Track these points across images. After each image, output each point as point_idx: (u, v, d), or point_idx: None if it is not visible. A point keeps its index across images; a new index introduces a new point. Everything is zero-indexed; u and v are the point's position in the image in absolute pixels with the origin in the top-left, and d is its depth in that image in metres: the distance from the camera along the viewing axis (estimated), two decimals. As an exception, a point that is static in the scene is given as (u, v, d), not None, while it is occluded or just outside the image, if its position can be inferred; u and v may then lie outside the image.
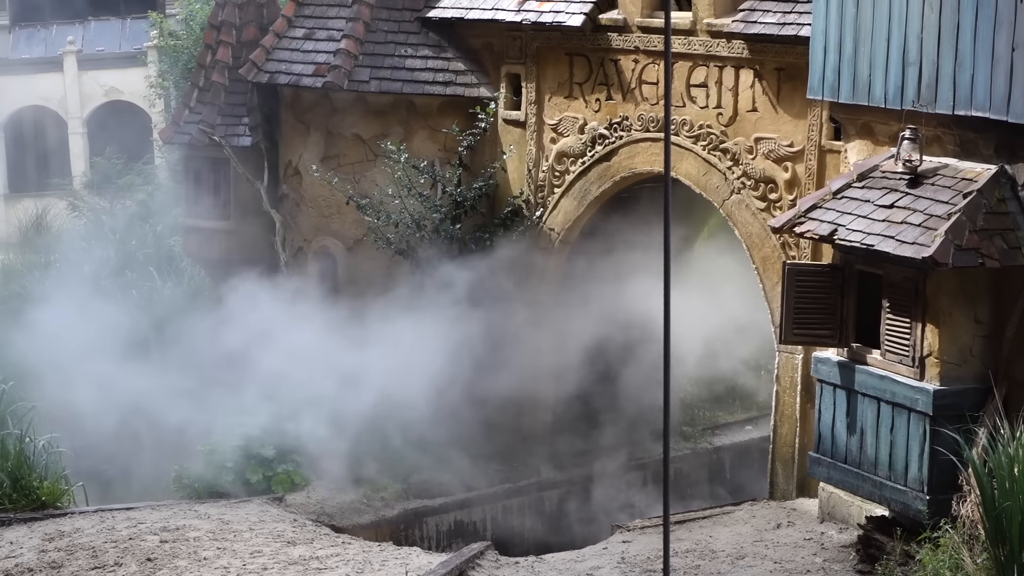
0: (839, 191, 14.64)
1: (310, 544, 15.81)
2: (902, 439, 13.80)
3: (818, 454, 14.93)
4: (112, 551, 15.13)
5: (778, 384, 17.46)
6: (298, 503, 18.37)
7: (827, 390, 14.73)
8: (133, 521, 16.40)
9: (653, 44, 18.56)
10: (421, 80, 20.54)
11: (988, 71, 13.46)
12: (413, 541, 18.78)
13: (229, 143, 21.93)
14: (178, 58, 32.19)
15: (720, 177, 17.93)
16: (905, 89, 14.38)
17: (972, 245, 13.20)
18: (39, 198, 38.05)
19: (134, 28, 41.03)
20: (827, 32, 15.24)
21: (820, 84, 15.47)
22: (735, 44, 17.59)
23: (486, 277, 19.71)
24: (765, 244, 17.50)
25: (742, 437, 22.35)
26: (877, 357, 14.14)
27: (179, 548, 15.27)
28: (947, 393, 13.51)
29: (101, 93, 40.33)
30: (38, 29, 41.20)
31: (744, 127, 17.71)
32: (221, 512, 17.12)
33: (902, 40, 14.37)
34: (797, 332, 14.87)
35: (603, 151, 19.29)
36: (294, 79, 20.92)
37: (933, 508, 13.44)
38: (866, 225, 13.92)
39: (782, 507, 17.15)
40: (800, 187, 17.10)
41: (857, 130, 15.56)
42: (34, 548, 15.24)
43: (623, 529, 17.32)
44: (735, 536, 16.25)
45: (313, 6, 21.46)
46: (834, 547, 15.39)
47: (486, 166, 20.25)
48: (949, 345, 13.58)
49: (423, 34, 20.84)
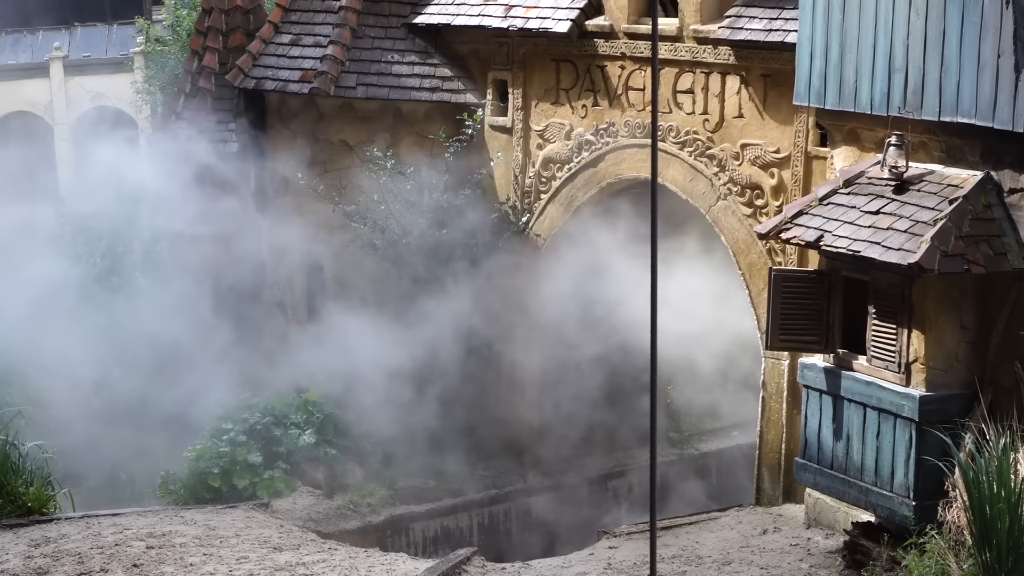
0: (825, 197, 14.67)
1: (296, 550, 15.78)
2: (888, 445, 13.82)
3: (804, 460, 14.95)
4: (98, 557, 15.09)
5: (764, 390, 17.47)
6: (284, 509, 18.34)
7: (813, 396, 14.75)
8: (119, 527, 16.35)
9: (639, 50, 18.58)
10: (408, 86, 20.55)
11: (974, 77, 13.50)
12: (399, 547, 18.75)
13: (216, 149, 21.90)
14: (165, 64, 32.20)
15: (706, 183, 17.96)
16: (891, 95, 14.41)
17: (958, 251, 13.23)
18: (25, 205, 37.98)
19: (121, 34, 40.97)
20: (813, 38, 15.27)
21: (806, 90, 15.49)
22: (721, 50, 17.61)
23: (472, 283, 19.72)
24: (751, 250, 17.52)
25: (728, 443, 22.34)
26: (863, 363, 14.16)
27: (165, 554, 15.24)
28: (933, 399, 13.54)
29: (88, 99, 40.25)
30: (24, 35, 41.11)
31: (730, 133, 17.73)
32: (207, 518, 17.09)
33: (888, 46, 14.40)
34: (783, 338, 14.89)
35: (590, 157, 19.30)
36: (281, 85, 20.93)
37: (919, 514, 13.46)
38: (852, 231, 13.94)
39: (768, 513, 17.16)
40: (786, 193, 17.13)
41: (843, 136, 15.59)
42: (20, 554, 15.19)
43: (609, 535, 17.32)
44: (721, 542, 16.26)
45: (300, 12, 21.46)
46: (820, 553, 15.40)
47: (473, 172, 20.25)
48: (935, 351, 13.61)
49: (410, 40, 20.85)
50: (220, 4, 22.49)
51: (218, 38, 22.42)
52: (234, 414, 19.41)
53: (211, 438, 19.12)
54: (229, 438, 18.97)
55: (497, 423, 20.41)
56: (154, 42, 34.33)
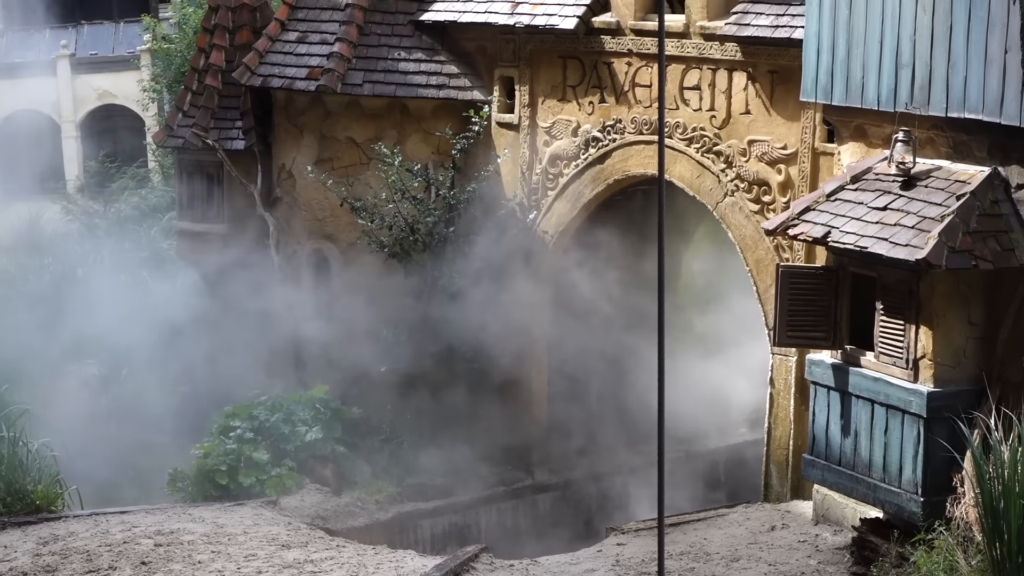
0: (832, 193, 14.66)
1: (304, 547, 15.80)
2: (896, 441, 13.81)
3: (812, 456, 14.95)
4: (106, 555, 15.12)
5: (772, 387, 17.46)
6: (292, 506, 18.35)
7: (821, 392, 14.74)
8: (127, 525, 16.38)
9: (646, 47, 18.56)
10: (415, 83, 20.53)
11: (981, 73, 13.48)
12: (407, 544, 18.75)
13: (222, 147, 21.91)
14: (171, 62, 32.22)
15: (713, 180, 17.94)
16: (898, 91, 14.40)
17: (965, 247, 13.21)
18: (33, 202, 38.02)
19: (127, 32, 41.01)
20: (820, 34, 15.26)
21: (813, 86, 15.49)
22: (728, 47, 17.59)
23: (480, 280, 19.73)
24: (759, 246, 17.51)
25: (736, 439, 22.32)
26: (871, 359, 14.15)
27: (173, 552, 15.26)
28: (941, 395, 13.53)
29: (95, 97, 40.30)
30: (31, 33, 41.16)
31: (737, 129, 17.72)
32: (215, 515, 17.11)
33: (895, 42, 14.38)
34: (791, 334, 14.88)
35: (596, 154, 19.29)
36: (287, 82, 20.92)
37: (927, 510, 13.46)
38: (859, 227, 13.94)
39: (776, 509, 17.15)
40: (794, 189, 17.11)
41: (850, 132, 15.58)
42: (28, 552, 15.23)
43: (617, 531, 17.30)
44: (729, 538, 16.25)
45: (306, 9, 21.45)
46: (828, 549, 15.40)
47: (480, 169, 20.25)
48: (943, 347, 13.60)
49: (416, 37, 20.83)
50: (227, 2, 22.49)
51: (225, 36, 22.42)
52: (241, 411, 19.43)
53: (219, 435, 19.14)
54: (237, 435, 18.99)
55: (505, 420, 20.40)
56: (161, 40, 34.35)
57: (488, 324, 19.78)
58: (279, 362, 21.25)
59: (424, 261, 19.97)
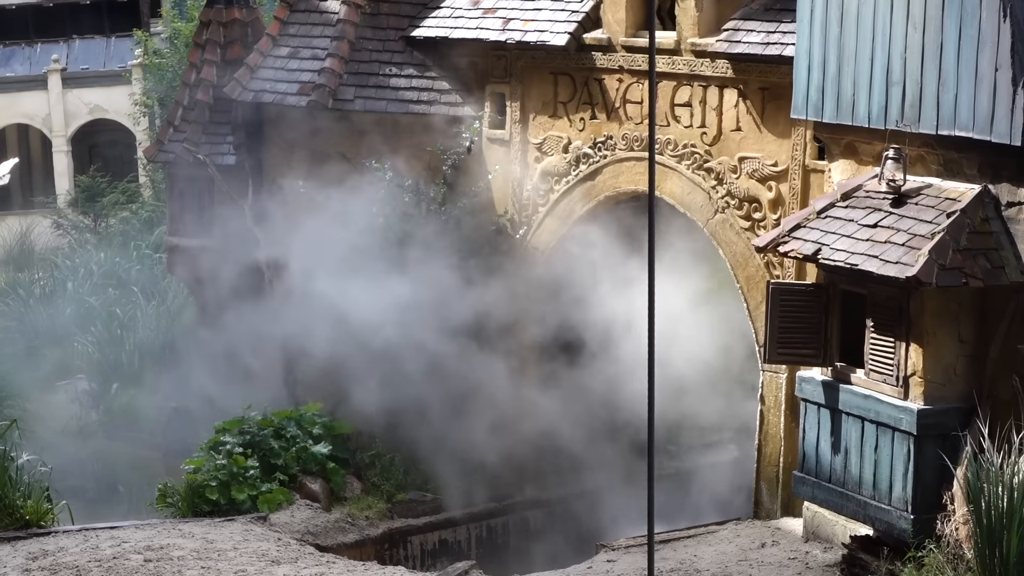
0: (823, 210, 14.67)
1: (294, 563, 15.78)
2: (886, 458, 13.82)
3: (802, 473, 14.95)
4: (96, 570, 15.10)
5: (762, 403, 17.47)
6: (282, 522, 18.32)
7: (811, 409, 14.75)
8: (117, 540, 16.35)
9: (637, 63, 18.60)
10: (406, 99, 20.56)
11: (971, 91, 13.51)
12: (397, 560, 18.76)
13: (213, 161, 21.92)
14: (162, 76, 32.31)
15: (704, 196, 17.96)
16: (889, 109, 14.42)
17: (956, 264, 13.23)
18: (23, 216, 38.04)
19: (119, 46, 41.07)
20: (811, 52, 15.29)
21: (804, 104, 15.51)
22: (719, 63, 17.62)
23: (470, 295, 19.73)
24: (749, 263, 17.52)
25: (726, 456, 22.33)
26: (861, 376, 14.17)
27: (163, 567, 15.24)
28: (931, 412, 13.54)
29: (86, 111, 40.34)
30: (22, 47, 41.21)
31: (728, 146, 17.74)
32: (205, 531, 17.08)
33: (886, 60, 14.41)
34: (781, 351, 14.89)
35: (587, 170, 19.30)
36: (278, 98, 20.93)
37: (917, 527, 13.46)
38: (850, 244, 13.95)
39: (766, 526, 17.15)
40: (784, 206, 17.13)
41: (841, 150, 15.60)
42: (17, 567, 15.19)
43: (607, 548, 17.30)
44: (719, 555, 16.25)
45: (298, 25, 21.49)
46: (819, 566, 15.39)
47: (470, 185, 20.26)
48: (933, 364, 13.61)
49: (408, 53, 20.86)
50: (218, 17, 22.53)
51: (216, 51, 22.44)
52: (232, 426, 19.41)
53: (209, 451, 19.12)
54: (227, 450, 18.96)
55: (496, 436, 20.38)
56: (152, 55, 34.42)
57: (479, 338, 19.77)
58: (270, 377, 21.24)
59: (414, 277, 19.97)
